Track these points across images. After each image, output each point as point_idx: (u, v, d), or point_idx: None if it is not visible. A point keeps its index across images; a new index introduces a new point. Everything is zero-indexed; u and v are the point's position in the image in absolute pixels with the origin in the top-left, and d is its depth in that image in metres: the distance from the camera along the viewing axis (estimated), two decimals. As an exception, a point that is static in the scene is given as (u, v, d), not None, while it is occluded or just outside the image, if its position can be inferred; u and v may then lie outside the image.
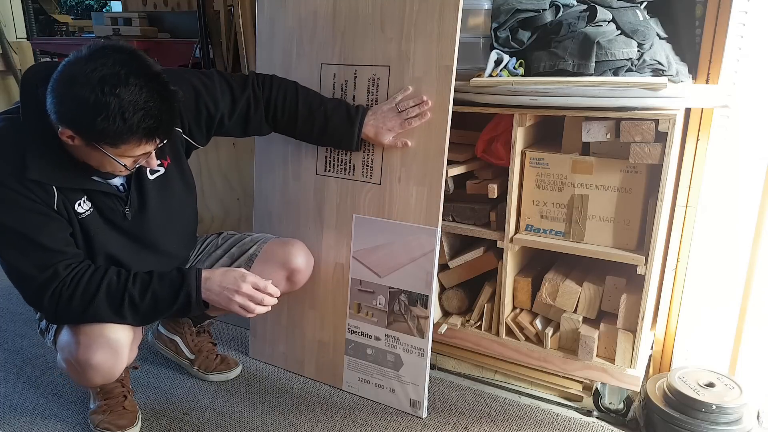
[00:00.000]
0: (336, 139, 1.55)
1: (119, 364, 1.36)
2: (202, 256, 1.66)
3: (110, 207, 1.34)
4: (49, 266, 1.25)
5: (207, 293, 1.33)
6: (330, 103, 1.54)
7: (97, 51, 1.13)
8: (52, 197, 1.25)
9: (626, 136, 1.38)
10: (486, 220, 1.65)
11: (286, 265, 1.61)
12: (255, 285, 1.35)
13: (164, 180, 1.43)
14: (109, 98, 1.11)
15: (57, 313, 1.29)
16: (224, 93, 1.46)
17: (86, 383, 1.39)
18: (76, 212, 1.29)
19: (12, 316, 2.21)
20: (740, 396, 1.45)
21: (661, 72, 1.44)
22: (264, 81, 1.52)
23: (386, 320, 1.64)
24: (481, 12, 1.55)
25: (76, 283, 1.26)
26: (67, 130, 1.16)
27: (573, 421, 1.62)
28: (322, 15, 1.60)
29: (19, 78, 3.42)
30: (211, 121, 1.46)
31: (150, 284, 1.31)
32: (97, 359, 1.32)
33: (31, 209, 1.23)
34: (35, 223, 1.24)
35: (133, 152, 1.21)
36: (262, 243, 1.64)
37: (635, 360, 1.51)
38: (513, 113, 1.49)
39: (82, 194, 1.30)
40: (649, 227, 1.42)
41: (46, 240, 1.25)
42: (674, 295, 1.62)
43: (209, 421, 1.63)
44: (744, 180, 1.51)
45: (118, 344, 1.33)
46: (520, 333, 1.65)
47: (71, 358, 1.35)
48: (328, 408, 1.69)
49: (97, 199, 1.32)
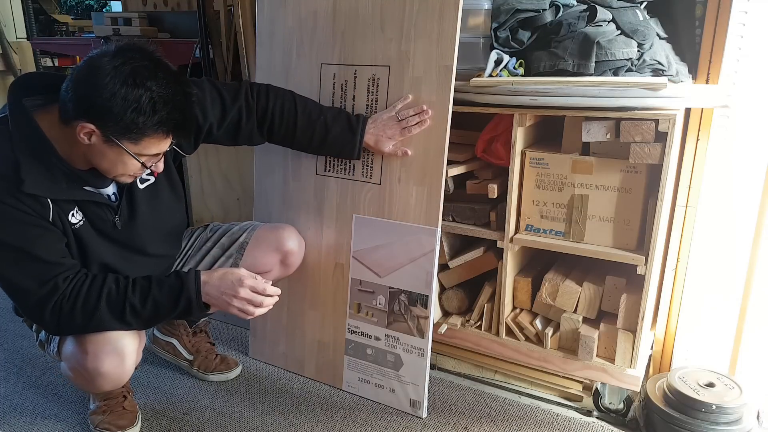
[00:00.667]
0: (336, 149, 1.55)
1: (127, 370, 1.37)
2: (192, 250, 1.66)
3: (101, 217, 1.33)
4: (48, 280, 1.23)
5: (206, 297, 1.33)
6: (329, 112, 1.53)
7: (123, 47, 1.15)
8: (48, 209, 1.23)
9: (626, 136, 1.38)
10: (486, 220, 1.65)
11: (280, 249, 1.62)
12: (253, 288, 1.34)
13: (154, 189, 1.42)
14: (140, 90, 1.12)
15: (60, 326, 1.28)
16: (214, 102, 1.44)
17: (95, 390, 1.40)
18: (70, 223, 1.28)
19: (12, 316, 2.19)
20: (740, 396, 1.45)
21: (661, 72, 1.44)
22: (259, 91, 1.50)
23: (386, 320, 1.64)
24: (481, 12, 1.55)
25: (75, 295, 1.26)
26: (87, 125, 1.14)
27: (573, 421, 1.62)
28: (322, 15, 1.60)
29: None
30: (199, 131, 1.44)
31: (150, 291, 1.30)
32: (106, 367, 1.32)
33: (27, 222, 1.21)
34: (31, 237, 1.22)
35: (152, 149, 1.21)
36: (251, 230, 1.64)
37: (635, 360, 1.51)
38: (513, 113, 1.49)
39: (74, 205, 1.29)
40: (649, 227, 1.42)
41: (43, 253, 1.23)
42: (674, 295, 1.62)
43: (209, 421, 1.63)
44: (744, 180, 1.51)
45: (125, 350, 1.33)
46: (520, 333, 1.65)
47: (79, 367, 1.34)
48: (328, 408, 1.69)
49: (88, 209, 1.31)
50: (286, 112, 1.50)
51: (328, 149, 1.57)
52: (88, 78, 1.13)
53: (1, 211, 1.19)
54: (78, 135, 1.16)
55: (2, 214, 1.19)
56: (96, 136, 1.16)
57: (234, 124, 1.48)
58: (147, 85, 1.13)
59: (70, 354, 1.36)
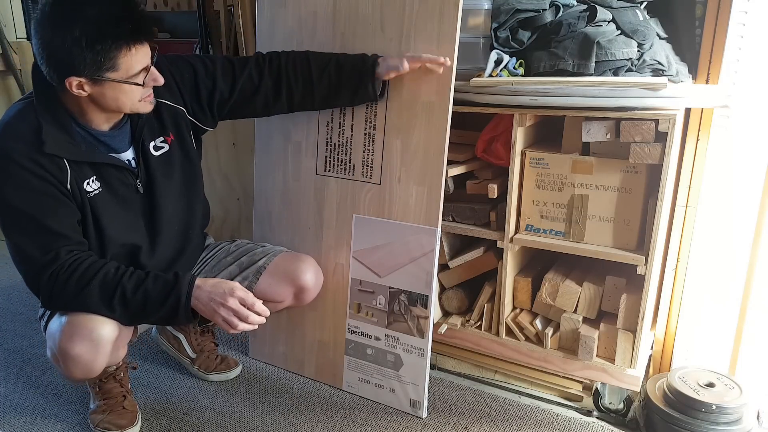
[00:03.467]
0: (353, 86, 1.48)
1: (99, 359, 1.35)
2: (212, 260, 1.65)
3: (123, 182, 1.37)
4: (51, 249, 1.27)
5: (195, 301, 1.31)
6: (339, 55, 1.50)
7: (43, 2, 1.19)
8: (66, 173, 1.28)
9: (626, 136, 1.38)
10: (486, 220, 1.65)
11: (295, 282, 1.59)
12: (242, 300, 1.31)
13: (168, 157, 1.45)
14: (79, 24, 1.16)
15: (51, 297, 1.29)
16: (225, 71, 1.46)
17: (68, 375, 1.37)
18: (86, 191, 1.32)
19: (12, 316, 2.21)
20: (740, 396, 1.45)
21: (661, 72, 1.44)
22: (272, 55, 1.51)
23: (386, 320, 1.64)
24: (481, 12, 1.55)
25: (74, 268, 1.27)
26: (72, 79, 1.20)
27: (573, 421, 1.62)
28: (322, 15, 1.60)
29: (19, 78, 3.42)
30: (211, 99, 1.47)
31: (144, 281, 1.30)
32: (77, 350, 1.31)
33: (43, 192, 1.26)
34: (45, 206, 1.26)
35: (135, 66, 1.23)
36: (272, 256, 1.62)
37: (635, 360, 1.51)
38: (513, 113, 1.49)
39: (92, 173, 1.33)
40: (649, 227, 1.42)
41: (53, 223, 1.27)
42: (674, 295, 1.62)
43: (209, 421, 1.63)
44: (744, 180, 1.51)
45: (100, 339, 1.31)
46: (520, 333, 1.65)
47: (54, 347, 1.35)
48: (328, 408, 1.69)
49: (109, 174, 1.35)
50: (299, 64, 1.49)
51: (346, 89, 1.49)
52: (40, 40, 1.19)
53: (20, 177, 1.24)
54: (73, 91, 1.22)
55: (21, 181, 1.24)
56: (85, 84, 1.21)
57: (248, 89, 1.48)
58: (80, 14, 1.16)
59: (50, 333, 1.36)
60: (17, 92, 3.46)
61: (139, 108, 1.31)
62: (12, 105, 1.31)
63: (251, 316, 1.32)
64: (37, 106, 1.27)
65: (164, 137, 1.43)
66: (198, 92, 1.46)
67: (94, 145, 1.32)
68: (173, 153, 1.46)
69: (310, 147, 1.67)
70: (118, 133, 1.36)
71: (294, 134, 1.70)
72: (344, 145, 1.62)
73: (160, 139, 1.41)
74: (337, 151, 1.64)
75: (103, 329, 1.32)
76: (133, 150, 1.39)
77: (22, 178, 1.24)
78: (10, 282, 2.48)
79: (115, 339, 1.35)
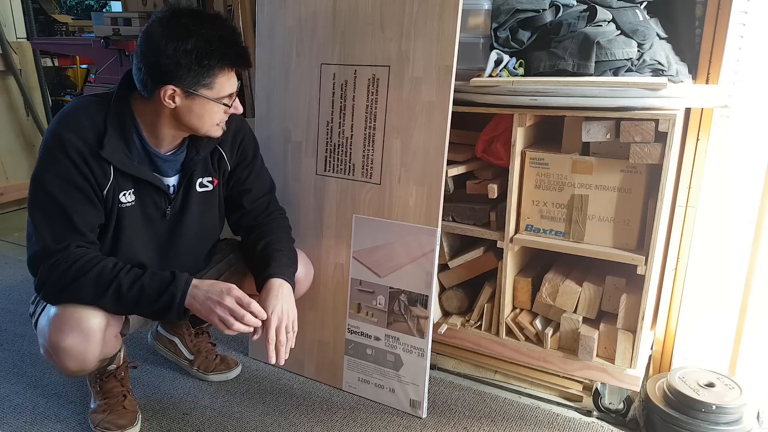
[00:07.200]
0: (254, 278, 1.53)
1: (91, 350, 1.34)
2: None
3: (155, 202, 1.41)
4: (64, 240, 1.29)
5: (191, 300, 1.31)
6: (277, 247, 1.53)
7: (165, 11, 1.28)
8: (108, 179, 1.32)
9: (626, 136, 1.38)
10: (486, 220, 1.65)
11: None
12: (239, 300, 1.32)
13: (208, 197, 1.51)
14: (194, 38, 1.24)
15: (46, 282, 1.29)
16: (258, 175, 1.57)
17: (63, 369, 1.37)
18: (120, 201, 1.36)
19: (12, 316, 2.21)
20: (740, 396, 1.45)
21: (661, 72, 1.44)
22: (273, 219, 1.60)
23: (386, 320, 1.64)
24: (481, 12, 1.55)
25: (76, 259, 1.28)
26: (167, 87, 1.26)
27: (573, 421, 1.62)
28: (322, 15, 1.60)
29: (19, 78, 3.42)
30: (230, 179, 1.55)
31: (141, 277, 1.31)
32: (67, 342, 1.31)
33: (80, 188, 1.29)
34: (76, 201, 1.29)
35: (225, 89, 1.31)
36: None
37: (635, 360, 1.51)
38: (513, 113, 1.49)
39: (132, 186, 1.37)
40: (649, 227, 1.42)
41: (76, 218, 1.30)
42: (674, 295, 1.62)
43: (209, 421, 1.63)
44: (744, 180, 1.51)
45: (89, 329, 1.31)
46: (520, 333, 1.65)
47: (45, 342, 1.35)
48: (328, 408, 1.69)
49: (146, 192, 1.39)
50: (259, 245, 1.53)
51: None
52: (148, 47, 1.26)
53: (66, 169, 1.28)
54: (163, 101, 1.27)
55: (65, 172, 1.28)
56: (178, 95, 1.28)
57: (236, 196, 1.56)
58: (196, 31, 1.24)
59: (40, 329, 1.36)
60: (17, 92, 3.46)
61: (212, 132, 1.37)
62: (83, 96, 1.35)
63: (247, 316, 1.33)
64: (111, 109, 1.32)
65: (212, 178, 1.50)
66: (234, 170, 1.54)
67: (144, 162, 1.37)
68: (213, 195, 1.52)
69: (310, 147, 1.67)
70: (172, 158, 1.41)
71: (294, 134, 1.70)
72: (344, 145, 1.62)
73: (209, 178, 1.48)
74: (337, 151, 1.64)
75: (92, 319, 1.32)
76: (178, 178, 1.44)
77: (67, 170, 1.28)
78: (10, 282, 2.48)
79: (105, 328, 1.35)
